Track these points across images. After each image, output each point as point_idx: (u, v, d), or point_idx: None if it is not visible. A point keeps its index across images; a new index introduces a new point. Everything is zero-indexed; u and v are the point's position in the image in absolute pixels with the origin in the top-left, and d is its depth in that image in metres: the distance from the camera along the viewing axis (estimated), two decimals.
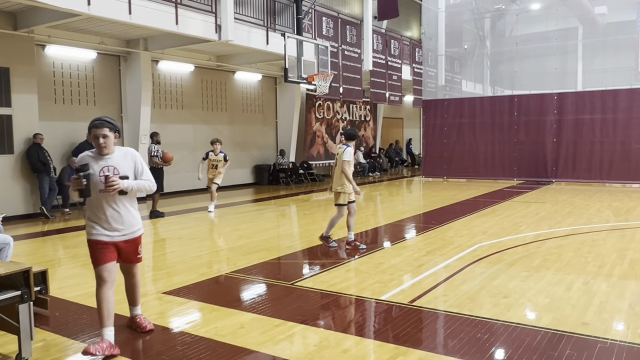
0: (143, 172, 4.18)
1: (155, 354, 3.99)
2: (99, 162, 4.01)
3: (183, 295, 5.43)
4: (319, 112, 20.70)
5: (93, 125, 4.02)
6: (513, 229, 9.08)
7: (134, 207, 4.21)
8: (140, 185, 4.12)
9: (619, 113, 16.50)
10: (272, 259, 7.11)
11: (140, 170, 4.17)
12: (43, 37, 11.62)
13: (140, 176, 4.16)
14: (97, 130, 3.99)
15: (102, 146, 3.98)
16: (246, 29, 13.30)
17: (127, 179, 4.02)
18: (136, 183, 4.10)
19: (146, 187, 4.17)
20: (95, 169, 3.98)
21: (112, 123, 4.08)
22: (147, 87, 13.54)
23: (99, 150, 4.01)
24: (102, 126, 4.00)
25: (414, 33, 26.00)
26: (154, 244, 8.83)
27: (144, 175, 4.19)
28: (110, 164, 4.02)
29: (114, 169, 4.01)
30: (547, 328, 4.32)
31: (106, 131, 4.01)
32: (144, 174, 4.18)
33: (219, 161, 11.63)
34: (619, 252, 7.17)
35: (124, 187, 3.97)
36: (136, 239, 4.22)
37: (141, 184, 4.13)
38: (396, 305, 5.02)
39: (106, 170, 3.98)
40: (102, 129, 3.99)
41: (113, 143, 4.08)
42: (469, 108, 19.05)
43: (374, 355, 3.93)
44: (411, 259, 6.92)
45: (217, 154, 11.64)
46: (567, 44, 20.35)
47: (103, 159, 4.03)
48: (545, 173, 17.66)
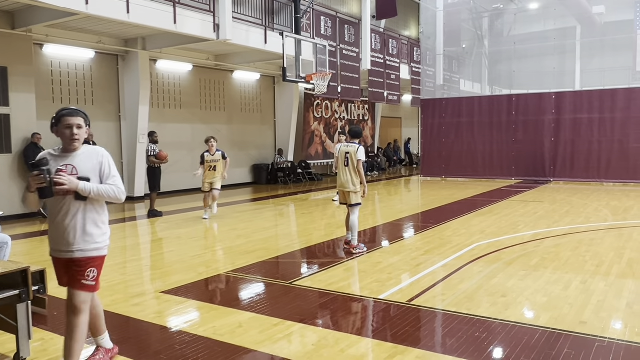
0: (110, 175, 3.42)
1: (153, 353, 3.98)
2: (59, 161, 3.37)
3: (181, 295, 5.43)
4: (317, 112, 20.70)
5: (65, 113, 3.40)
6: (511, 228, 9.09)
7: (98, 219, 3.43)
8: (103, 191, 3.34)
9: (616, 112, 16.53)
10: (271, 258, 7.11)
11: (106, 173, 3.42)
12: (41, 36, 11.60)
13: (106, 180, 3.40)
14: (70, 119, 3.36)
15: (75, 138, 3.35)
16: (244, 29, 13.29)
17: (87, 181, 3.32)
18: (97, 187, 3.33)
19: (111, 195, 3.38)
20: (54, 168, 3.30)
21: (85, 114, 3.49)
22: (145, 87, 13.52)
23: (70, 143, 3.37)
24: (76, 114, 3.40)
25: (412, 32, 26.00)
26: (152, 243, 8.83)
27: (111, 179, 3.42)
28: (69, 163, 3.36)
29: (73, 169, 3.33)
30: (545, 327, 4.33)
31: (80, 121, 3.40)
32: (110, 178, 3.42)
33: (216, 162, 10.36)
34: (617, 251, 7.19)
35: (74, 188, 3.24)
36: (87, 259, 3.40)
37: (104, 189, 3.35)
38: (394, 305, 5.02)
39: (64, 168, 3.31)
40: (77, 118, 3.39)
41: (84, 138, 3.47)
42: (467, 107, 19.06)
43: (373, 354, 3.93)
44: (409, 258, 6.93)
45: (214, 154, 10.38)
46: (565, 43, 20.38)
47: (65, 157, 3.39)
48: (544, 172, 17.68)
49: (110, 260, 7.24)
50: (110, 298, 5.34)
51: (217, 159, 10.44)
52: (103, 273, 6.36)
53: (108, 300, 5.27)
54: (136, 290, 5.66)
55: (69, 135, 3.37)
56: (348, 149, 7.36)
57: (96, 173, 3.40)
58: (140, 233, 9.80)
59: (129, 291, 5.62)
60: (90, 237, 3.39)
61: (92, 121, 13.64)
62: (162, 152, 10.97)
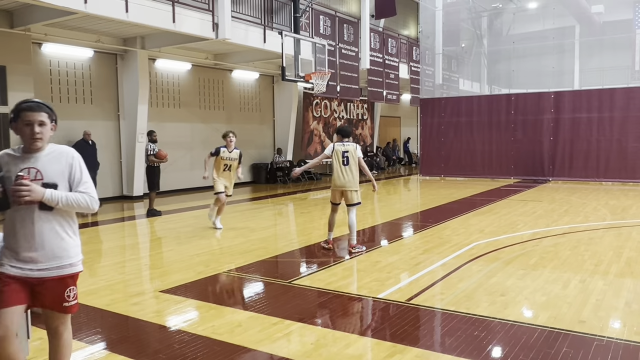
0: (81, 181, 2.90)
1: (152, 352, 3.98)
2: (19, 163, 2.83)
3: (180, 294, 5.43)
4: (316, 111, 20.70)
5: (25, 107, 2.84)
6: (510, 227, 9.10)
7: (68, 230, 2.92)
8: (73, 201, 2.82)
9: (615, 112, 16.54)
10: (270, 257, 7.11)
11: (77, 178, 2.90)
12: (40, 35, 11.59)
13: (77, 187, 2.88)
14: (30, 115, 2.82)
15: (37, 137, 2.83)
16: (243, 28, 13.28)
17: (54, 188, 2.81)
18: (67, 197, 2.81)
19: (82, 205, 2.86)
20: (12, 172, 2.76)
21: (50, 108, 2.96)
22: (144, 86, 13.51)
23: (31, 142, 2.84)
24: (38, 109, 2.85)
25: (411, 31, 26.00)
26: (151, 242, 8.82)
27: (82, 186, 2.89)
28: (33, 166, 2.82)
29: (37, 173, 2.81)
30: (543, 326, 4.33)
31: (44, 117, 2.87)
32: (81, 185, 2.89)
33: (233, 160, 9.03)
34: (616, 250, 7.19)
35: (38, 198, 2.73)
36: (63, 278, 2.93)
37: (75, 198, 2.83)
38: (393, 304, 5.02)
39: (26, 173, 2.75)
40: (39, 113, 2.84)
41: (49, 136, 2.95)
42: (466, 107, 19.07)
43: (372, 353, 3.94)
44: (408, 258, 6.93)
45: (231, 151, 8.99)
46: (564, 42, 20.40)
47: (27, 158, 2.84)
48: (542, 172, 17.70)
49: (109, 260, 7.24)
50: (109, 297, 5.33)
51: (234, 158, 9.04)
52: (102, 272, 6.41)
53: (107, 299, 5.27)
54: (135, 290, 5.66)
55: (29, 134, 2.82)
56: (346, 148, 7.27)
57: (65, 178, 2.88)
58: (139, 232, 9.79)
59: (128, 290, 5.62)
60: (65, 252, 2.90)
61: (91, 120, 13.62)
62: (161, 151, 10.96)
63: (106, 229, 9.94)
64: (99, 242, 8.77)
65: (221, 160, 8.96)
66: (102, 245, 8.46)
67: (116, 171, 13.87)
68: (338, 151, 7.29)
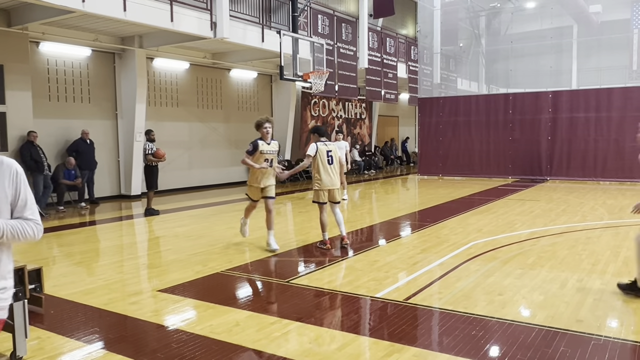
0: (26, 205, 2.28)
1: (150, 351, 3.98)
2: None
3: (178, 293, 5.42)
4: (315, 110, 20.69)
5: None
6: (508, 226, 9.11)
7: (3, 269, 2.28)
8: (18, 232, 2.22)
9: (613, 111, 16.57)
10: (268, 256, 7.11)
11: (21, 200, 2.27)
12: (37, 34, 11.57)
13: (22, 211, 2.27)
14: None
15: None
16: (241, 27, 13.27)
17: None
18: (11, 226, 2.20)
19: (28, 235, 2.26)
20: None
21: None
22: (142, 85, 13.49)
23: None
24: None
25: (410, 31, 26.01)
26: (149, 241, 8.82)
27: (28, 211, 2.29)
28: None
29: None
30: (541, 325, 4.34)
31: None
32: (26, 209, 2.28)
33: (273, 153, 7.42)
34: (613, 249, 7.21)
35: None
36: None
37: (20, 229, 2.23)
38: (391, 303, 5.03)
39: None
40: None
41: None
42: (464, 106, 19.08)
43: (369, 352, 3.94)
44: (406, 257, 6.94)
45: (270, 142, 7.39)
46: (562, 42, 20.43)
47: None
48: (540, 171, 17.72)
49: (107, 259, 7.24)
50: (107, 296, 5.33)
51: (274, 150, 7.44)
52: (100, 272, 6.40)
53: (105, 298, 5.27)
54: (133, 289, 5.66)
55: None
56: (329, 147, 7.45)
57: (6, 200, 2.23)
58: (137, 231, 9.78)
59: (125, 290, 5.62)
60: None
61: (89, 119, 13.62)
62: (159, 150, 10.95)
63: (104, 228, 9.93)
64: (97, 241, 8.76)
65: (261, 155, 7.26)
66: (100, 245, 8.45)
67: (114, 170, 13.85)
68: (322, 151, 7.39)
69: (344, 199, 13.02)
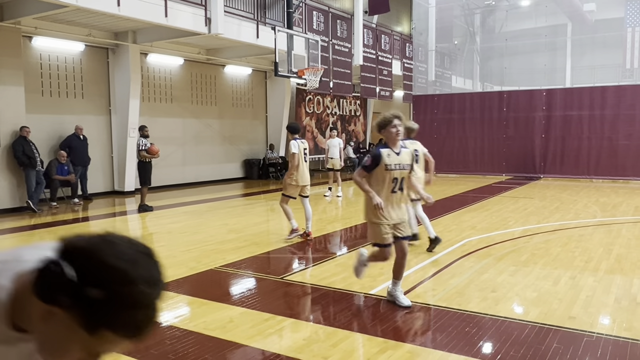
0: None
1: (143, 348, 3.96)
2: None
3: (172, 290, 5.40)
4: (309, 107, 20.66)
5: None
6: (501, 224, 9.14)
7: None
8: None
9: (606, 110, 16.65)
10: (262, 253, 7.10)
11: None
12: (30, 28, 11.47)
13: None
14: None
15: None
16: (236, 22, 13.22)
17: None
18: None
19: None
20: None
21: None
22: (135, 80, 13.42)
23: None
24: None
25: (405, 28, 25.99)
26: (143, 238, 8.77)
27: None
28: None
29: None
30: (534, 322, 4.36)
31: None
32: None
33: (405, 168, 5.06)
34: (606, 247, 7.25)
35: None
36: None
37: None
38: (385, 300, 5.03)
39: None
40: None
41: None
42: (458, 104, 19.11)
43: (363, 349, 3.94)
44: None
45: (400, 151, 4.98)
46: (556, 40, 20.47)
47: None
48: (534, 169, 17.79)
49: None
50: None
51: (406, 163, 5.97)
52: None
53: None
54: None
55: None
56: (305, 145, 7.73)
57: None
58: (130, 228, 9.75)
59: None
60: None
61: (82, 115, 13.52)
62: (153, 146, 10.91)
63: (97, 224, 9.89)
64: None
65: (386, 172, 5.83)
66: None
67: (107, 166, 13.78)
68: (300, 148, 7.67)
69: (339, 195, 13.02)
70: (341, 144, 13.41)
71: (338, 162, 13.18)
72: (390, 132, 4.72)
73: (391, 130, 4.71)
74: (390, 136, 4.73)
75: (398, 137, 4.74)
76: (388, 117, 4.78)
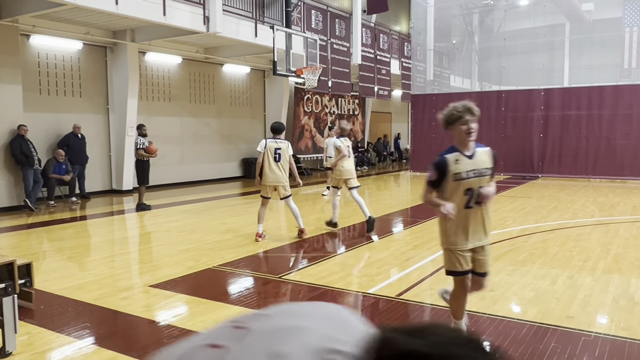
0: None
1: (141, 347, 3.96)
2: None
3: (170, 289, 5.40)
4: (308, 106, 20.65)
5: None
6: (499, 223, 9.15)
7: None
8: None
9: (604, 109, 16.67)
10: (260, 252, 7.10)
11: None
12: (28, 26, 11.44)
13: None
14: None
15: None
16: (235, 21, 13.20)
17: None
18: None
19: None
20: None
21: None
22: (134, 79, 13.40)
23: None
24: None
25: (403, 27, 25.99)
26: (141, 237, 8.77)
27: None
28: None
29: None
30: (532, 321, 4.36)
31: None
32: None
33: (484, 174, 4.50)
34: (604, 246, 7.26)
35: None
36: None
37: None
38: (383, 299, 5.03)
39: None
40: None
41: None
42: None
43: None
44: (398, 253, 6.95)
45: (473, 153, 3.77)
46: (554, 40, 20.48)
47: None
48: (532, 168, 17.81)
49: (98, 254, 7.19)
50: (98, 292, 5.30)
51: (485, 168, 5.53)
52: (91, 267, 6.35)
53: (96, 294, 5.24)
54: (124, 284, 5.63)
55: None
56: (279, 145, 7.62)
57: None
58: (128, 226, 9.73)
59: (117, 285, 5.59)
60: None
61: (79, 113, 13.49)
62: (151, 146, 10.89)
63: (95, 223, 9.87)
64: (88, 236, 8.71)
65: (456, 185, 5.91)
66: (91, 240, 8.40)
67: (105, 165, 13.76)
68: (271, 147, 7.63)
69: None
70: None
71: None
72: (459, 130, 3.73)
73: (461, 128, 3.71)
74: (460, 135, 3.74)
75: (470, 137, 3.70)
76: (458, 111, 3.76)
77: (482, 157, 3.80)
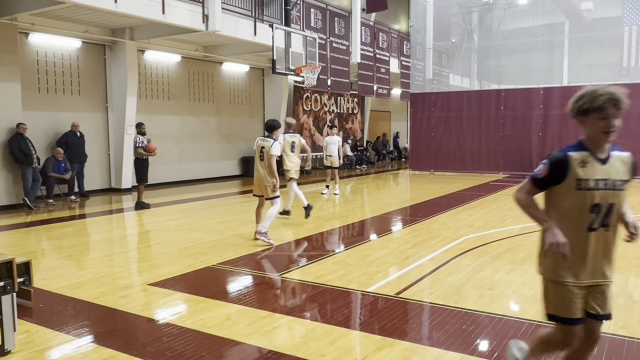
0: None
1: (140, 345, 3.96)
2: None
3: (169, 287, 5.40)
4: (307, 104, 20.65)
5: None
6: (499, 222, 9.16)
7: None
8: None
9: None
10: (259, 250, 7.10)
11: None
12: (26, 24, 11.42)
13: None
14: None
15: None
16: (234, 20, 13.19)
17: None
18: None
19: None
20: None
21: None
22: (132, 77, 13.39)
23: None
24: None
25: (402, 26, 25.99)
26: (140, 235, 8.77)
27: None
28: None
29: None
30: (531, 320, 4.37)
31: None
32: None
33: (620, 186, 3.44)
34: None
35: None
36: None
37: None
38: (382, 297, 5.04)
39: None
40: None
41: None
42: (456, 102, 19.13)
43: (360, 346, 3.95)
44: (397, 252, 6.95)
45: (608, 156, 3.58)
46: (553, 39, 20.50)
47: None
48: (531, 167, 17.79)
49: (97, 252, 7.19)
50: (97, 290, 5.30)
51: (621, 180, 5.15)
52: (90, 265, 6.35)
53: (95, 292, 5.24)
54: (123, 282, 5.63)
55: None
56: (264, 144, 7.41)
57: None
58: (127, 225, 9.73)
59: (116, 283, 5.58)
60: None
61: (78, 112, 13.49)
62: (150, 144, 10.89)
63: (94, 221, 9.87)
64: (87, 234, 8.70)
65: (578, 194, 5.36)
66: (90, 238, 8.40)
67: (104, 163, 13.75)
68: (258, 146, 7.51)
69: (336, 193, 13.02)
70: (340, 142, 13.39)
71: (336, 160, 13.17)
72: (595, 125, 2.83)
73: (598, 124, 2.82)
74: (594, 131, 2.85)
75: (608, 137, 2.83)
76: (600, 100, 2.77)
77: (618, 165, 2.84)
